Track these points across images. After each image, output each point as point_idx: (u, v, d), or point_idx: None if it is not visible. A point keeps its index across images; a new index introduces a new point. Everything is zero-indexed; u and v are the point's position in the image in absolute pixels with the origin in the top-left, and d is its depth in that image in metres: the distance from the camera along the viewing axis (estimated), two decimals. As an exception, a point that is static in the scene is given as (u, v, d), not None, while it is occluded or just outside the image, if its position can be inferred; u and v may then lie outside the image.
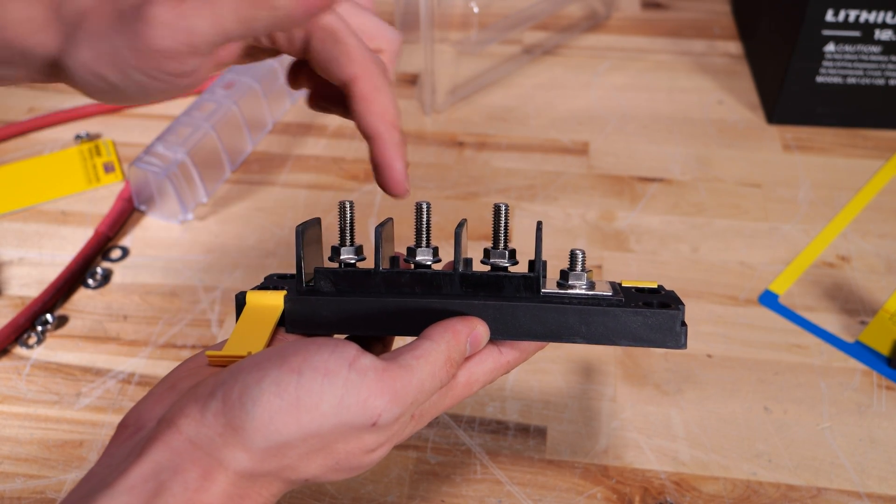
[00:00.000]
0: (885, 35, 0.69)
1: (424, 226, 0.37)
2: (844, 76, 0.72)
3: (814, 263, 0.62)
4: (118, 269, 0.63)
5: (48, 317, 0.57)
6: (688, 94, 0.80)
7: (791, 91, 0.73)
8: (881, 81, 0.72)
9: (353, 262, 0.37)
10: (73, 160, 0.72)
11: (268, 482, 0.29)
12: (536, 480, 0.49)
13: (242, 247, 0.64)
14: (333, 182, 0.70)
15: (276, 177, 0.71)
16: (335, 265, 0.37)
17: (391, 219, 0.38)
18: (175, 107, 0.77)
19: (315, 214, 0.67)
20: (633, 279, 0.57)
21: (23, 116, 0.78)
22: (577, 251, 0.36)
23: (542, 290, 0.35)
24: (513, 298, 0.35)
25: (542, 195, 0.68)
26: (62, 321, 0.59)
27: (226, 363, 0.33)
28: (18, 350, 0.57)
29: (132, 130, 0.76)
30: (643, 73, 0.83)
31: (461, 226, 0.36)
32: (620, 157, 0.72)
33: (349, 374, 0.29)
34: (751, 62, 0.83)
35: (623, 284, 0.37)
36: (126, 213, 0.67)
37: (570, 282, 0.36)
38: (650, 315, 0.34)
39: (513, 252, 0.37)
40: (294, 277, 0.40)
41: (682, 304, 0.35)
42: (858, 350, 0.55)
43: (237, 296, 0.36)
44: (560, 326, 0.34)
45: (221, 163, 0.70)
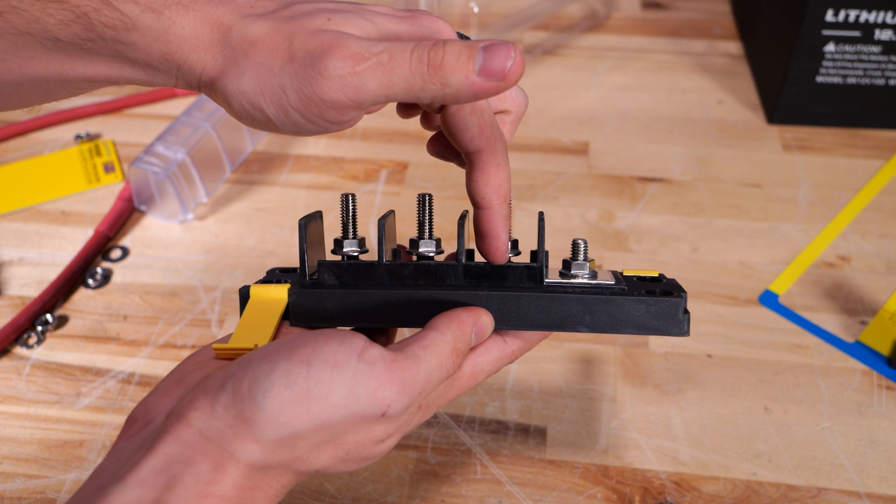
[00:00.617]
0: (885, 35, 0.69)
1: (427, 217, 0.37)
2: (844, 76, 0.72)
3: (814, 263, 0.62)
4: (118, 269, 0.63)
5: (48, 317, 0.57)
6: (688, 94, 0.80)
7: (791, 91, 0.73)
8: (881, 81, 0.72)
9: (356, 255, 0.37)
10: (73, 160, 0.72)
11: (278, 473, 0.30)
12: (536, 480, 0.49)
13: (242, 247, 0.64)
14: (333, 182, 0.70)
15: (276, 177, 0.71)
16: (338, 258, 0.37)
17: (393, 211, 0.38)
18: (175, 107, 0.77)
19: (305, 215, 0.67)
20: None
21: (23, 116, 0.78)
22: (579, 241, 0.36)
23: (546, 280, 0.35)
24: (517, 288, 0.35)
25: (542, 195, 0.68)
26: (62, 321, 0.59)
27: (233, 356, 0.33)
28: (18, 350, 0.57)
29: (132, 130, 0.76)
30: (643, 73, 0.83)
31: (464, 217, 0.36)
32: (620, 157, 0.72)
33: (358, 365, 0.29)
34: (751, 62, 0.83)
35: (624, 273, 0.38)
36: (126, 213, 0.67)
37: (573, 271, 0.36)
38: (653, 303, 0.34)
39: (515, 242, 0.37)
40: (296, 271, 0.40)
41: (685, 292, 0.35)
42: (858, 350, 0.55)
43: (241, 289, 0.36)
44: (564, 316, 0.35)
45: (221, 163, 0.70)
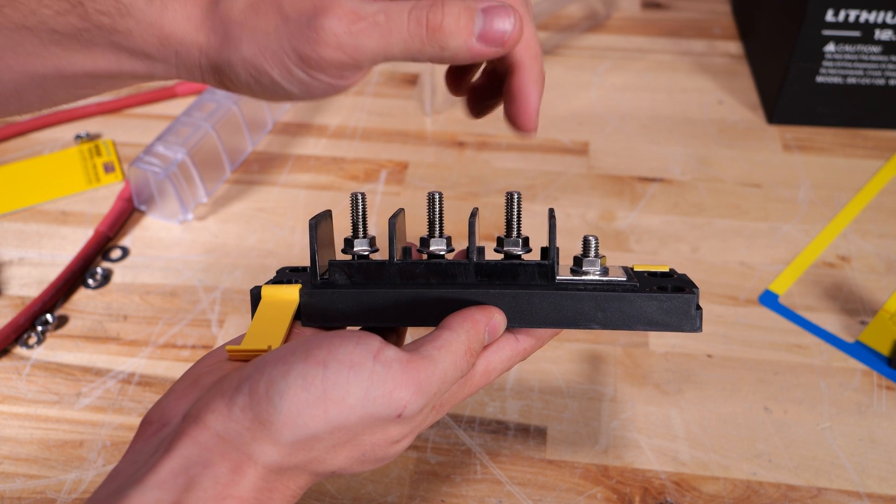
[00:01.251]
0: (885, 35, 0.69)
1: (437, 216, 0.37)
2: (844, 76, 0.72)
3: (814, 263, 0.62)
4: (118, 269, 0.63)
5: (48, 317, 0.57)
6: (688, 94, 0.80)
7: (791, 91, 0.73)
8: (881, 81, 0.72)
9: (367, 254, 0.37)
10: (73, 160, 0.72)
11: (295, 475, 0.30)
12: (536, 480, 0.49)
13: (242, 247, 0.64)
14: (333, 182, 0.70)
15: (276, 177, 0.71)
16: (348, 257, 0.37)
17: (402, 209, 0.38)
18: (175, 107, 0.77)
19: (315, 214, 0.67)
20: None
21: (23, 116, 0.77)
22: (590, 237, 0.36)
23: (557, 278, 0.35)
24: (528, 286, 0.35)
25: (543, 195, 0.68)
26: (62, 321, 0.59)
27: (247, 357, 0.33)
28: (18, 350, 0.57)
29: (132, 130, 0.76)
30: (643, 73, 0.83)
31: (474, 215, 0.35)
32: (620, 157, 0.72)
33: (374, 367, 0.29)
34: (751, 62, 0.83)
35: (635, 269, 0.37)
36: (126, 213, 0.67)
37: (584, 268, 0.36)
38: (665, 300, 0.34)
39: (526, 240, 0.36)
40: (306, 270, 0.40)
41: (697, 288, 0.35)
42: (858, 350, 0.55)
43: (252, 290, 0.36)
44: (576, 313, 0.34)
45: (221, 163, 0.70)
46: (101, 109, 0.77)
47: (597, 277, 0.35)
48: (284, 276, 0.39)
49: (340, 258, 0.36)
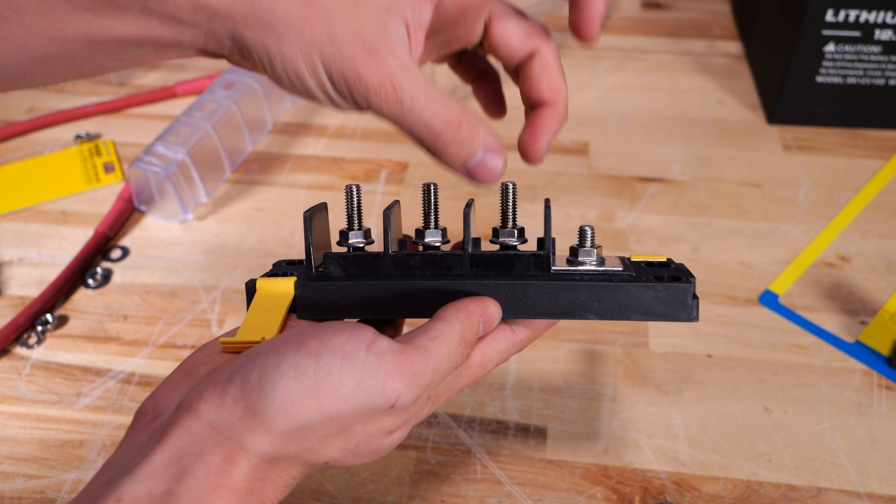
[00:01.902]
0: (885, 35, 0.69)
1: (432, 207, 0.37)
2: (844, 76, 0.72)
3: (814, 263, 0.62)
4: (118, 269, 0.63)
5: (48, 317, 0.57)
6: (688, 94, 0.80)
7: (791, 91, 0.73)
8: (881, 81, 0.72)
9: (362, 246, 0.37)
10: (73, 160, 0.72)
11: (288, 465, 0.30)
12: (536, 480, 0.49)
13: (242, 247, 0.64)
14: (333, 182, 0.70)
15: (276, 177, 0.71)
16: (343, 250, 0.37)
17: (398, 201, 0.38)
18: (175, 107, 0.77)
19: (309, 207, 0.67)
20: None
21: (23, 116, 0.78)
22: (586, 227, 0.36)
23: (553, 268, 0.35)
24: (524, 277, 0.35)
25: (543, 195, 0.68)
26: (62, 321, 0.59)
27: (240, 349, 0.33)
28: (18, 350, 0.57)
29: (132, 130, 0.76)
30: (643, 73, 0.83)
31: (469, 206, 0.35)
32: (620, 157, 0.72)
33: (367, 357, 0.29)
34: (751, 62, 0.83)
35: (632, 259, 0.37)
36: (126, 213, 0.67)
37: (580, 258, 0.35)
38: (661, 289, 0.34)
39: (521, 230, 0.36)
40: (302, 263, 0.40)
41: (693, 277, 0.34)
42: (858, 350, 0.55)
43: (247, 283, 0.36)
44: (572, 303, 0.34)
45: (221, 163, 0.70)
46: (101, 109, 0.77)
47: (593, 267, 0.35)
48: (280, 269, 0.39)
49: (336, 251, 0.36)
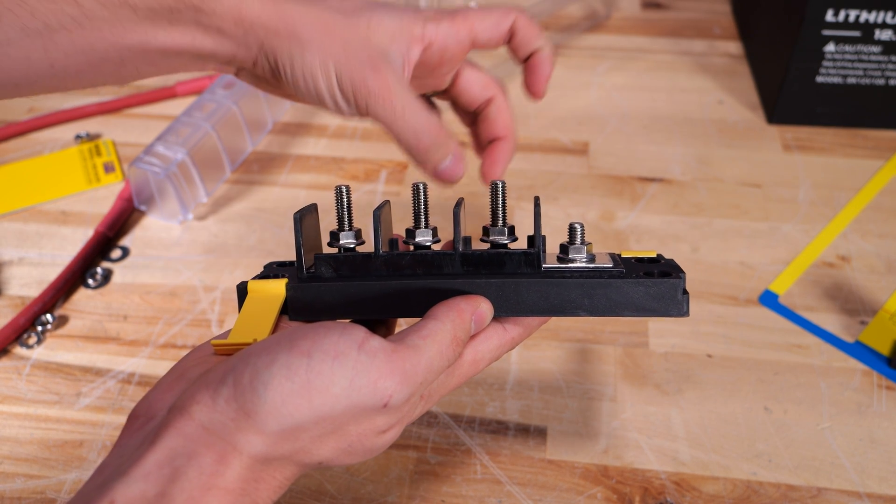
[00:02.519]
0: (885, 35, 0.69)
1: (422, 207, 0.37)
2: (844, 76, 0.72)
3: (814, 263, 0.62)
4: (118, 269, 0.63)
5: (48, 317, 0.57)
6: (688, 94, 0.80)
7: (791, 91, 0.73)
8: (881, 81, 0.72)
9: (353, 247, 0.37)
10: (73, 160, 0.72)
11: (282, 465, 0.30)
12: (536, 480, 0.49)
13: (242, 247, 0.64)
14: (333, 182, 0.70)
15: (276, 177, 0.71)
16: (334, 251, 0.37)
17: (388, 201, 0.38)
18: (175, 107, 0.77)
19: (299, 208, 0.67)
20: None
21: (23, 116, 0.78)
22: (576, 224, 0.36)
23: (543, 265, 0.35)
24: (515, 275, 0.35)
25: (542, 195, 0.68)
26: (62, 321, 0.59)
27: (232, 351, 0.33)
28: (18, 350, 0.57)
29: (132, 130, 0.76)
30: (643, 73, 0.83)
31: (459, 205, 0.36)
32: (620, 157, 0.72)
33: (359, 356, 0.29)
34: (751, 62, 0.83)
35: (623, 255, 0.37)
36: (126, 213, 0.67)
37: (571, 255, 0.36)
38: (652, 285, 0.34)
39: (512, 228, 0.36)
40: (293, 265, 0.40)
41: (683, 273, 0.34)
42: (858, 350, 0.55)
43: (238, 285, 0.36)
44: (563, 301, 0.34)
45: (221, 163, 0.70)
46: (101, 109, 0.77)
47: (583, 265, 0.35)
48: (271, 271, 0.39)
49: (327, 252, 0.36)
